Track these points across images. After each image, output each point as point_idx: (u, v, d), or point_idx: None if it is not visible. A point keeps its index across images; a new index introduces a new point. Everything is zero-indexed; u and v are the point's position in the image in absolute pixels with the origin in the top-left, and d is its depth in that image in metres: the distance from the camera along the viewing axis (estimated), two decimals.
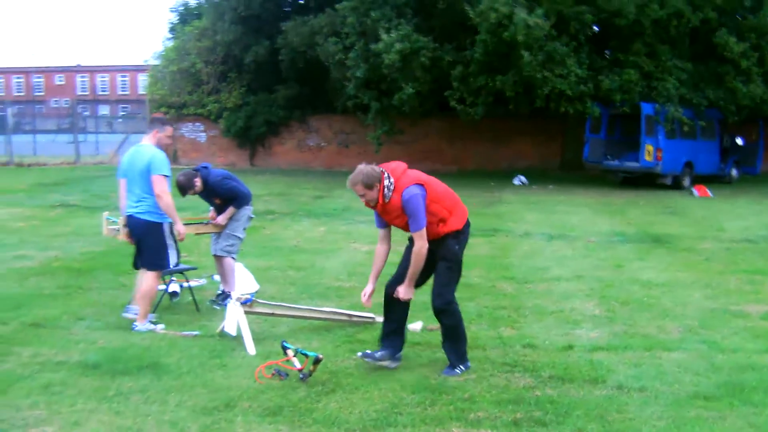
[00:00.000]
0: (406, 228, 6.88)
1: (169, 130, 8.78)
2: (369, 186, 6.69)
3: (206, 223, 9.82)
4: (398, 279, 7.04)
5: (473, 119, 27.05)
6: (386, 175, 6.75)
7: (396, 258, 7.15)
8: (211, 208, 9.90)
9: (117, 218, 9.37)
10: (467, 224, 7.14)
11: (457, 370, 6.91)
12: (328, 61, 29.45)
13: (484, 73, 25.48)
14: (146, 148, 8.66)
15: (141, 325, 8.35)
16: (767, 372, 6.95)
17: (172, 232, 8.67)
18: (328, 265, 11.87)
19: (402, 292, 6.91)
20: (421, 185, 6.78)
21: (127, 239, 8.73)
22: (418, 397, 6.28)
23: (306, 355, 6.65)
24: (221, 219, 9.59)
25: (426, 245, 6.75)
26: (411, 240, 6.91)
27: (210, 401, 6.20)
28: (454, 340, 7.02)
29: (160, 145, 8.70)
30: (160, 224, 8.56)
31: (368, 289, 7.06)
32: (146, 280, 8.58)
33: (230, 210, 9.57)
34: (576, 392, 6.45)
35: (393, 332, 7.14)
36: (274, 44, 32.32)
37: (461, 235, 7.04)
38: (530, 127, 32.93)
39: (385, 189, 6.71)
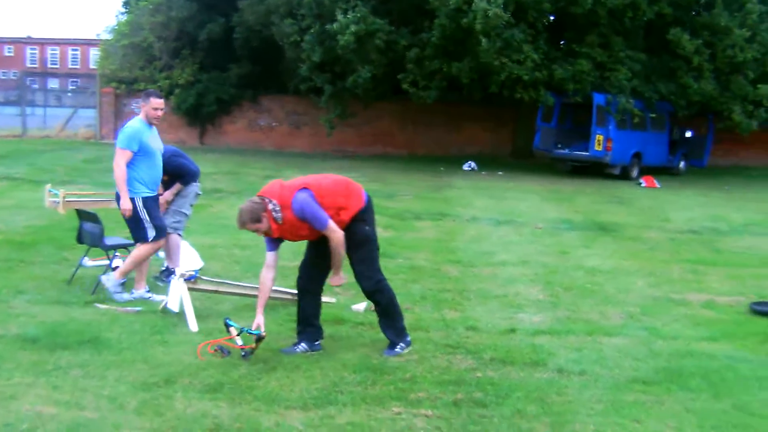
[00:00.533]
0: (311, 235, 6.78)
1: (153, 101, 8.68)
2: (257, 220, 6.56)
3: None
4: (309, 273, 7.01)
5: (425, 103, 27.11)
6: (267, 200, 6.60)
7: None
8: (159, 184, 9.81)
9: (58, 191, 9.28)
10: (368, 200, 7.00)
11: (398, 349, 6.91)
12: (282, 42, 29.31)
13: (440, 57, 25.57)
14: (130, 121, 8.65)
15: (109, 281, 8.46)
16: (705, 359, 7.05)
17: (145, 206, 8.56)
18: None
19: (335, 281, 6.91)
20: (304, 188, 6.65)
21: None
22: (359, 377, 6.28)
23: (251, 334, 6.62)
24: (167, 195, 9.49)
25: (340, 233, 6.64)
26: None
27: (150, 377, 6.14)
28: (391, 317, 7.01)
29: (149, 118, 8.65)
30: (132, 199, 8.47)
31: (259, 320, 6.81)
32: (138, 248, 8.64)
33: (176, 186, 9.48)
34: (517, 374, 6.49)
35: (307, 326, 7.06)
36: (230, 22, 32.11)
37: (365, 214, 6.92)
38: (482, 114, 33.04)
39: (273, 213, 6.57)
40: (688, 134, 28.67)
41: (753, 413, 5.86)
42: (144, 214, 8.53)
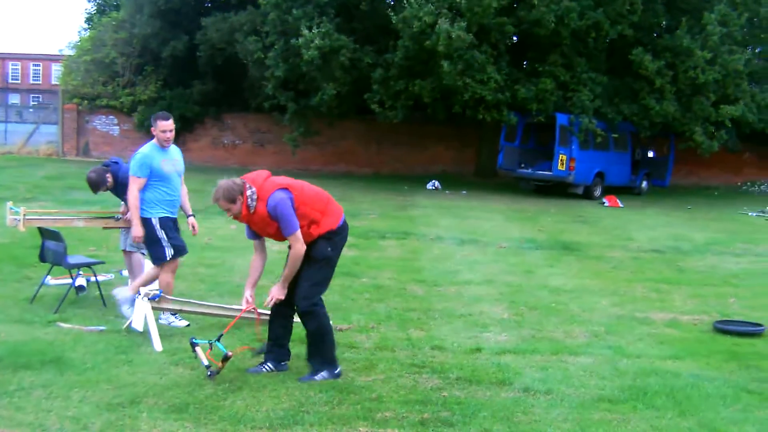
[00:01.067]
0: (277, 236, 6.74)
1: (160, 124, 8.56)
2: (231, 200, 6.54)
3: (117, 218, 9.64)
4: (305, 288, 6.86)
5: (391, 122, 27.19)
6: (248, 186, 6.60)
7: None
8: (123, 203, 9.74)
9: (19, 208, 9.20)
10: (343, 224, 6.98)
11: (317, 377, 6.72)
12: (246, 59, 29.31)
13: (404, 77, 25.70)
14: (143, 147, 8.66)
15: (120, 293, 8.52)
16: (670, 377, 7.10)
17: (162, 226, 8.50)
18: (238, 263, 11.75)
19: (274, 290, 6.78)
20: (286, 189, 6.65)
21: None
22: (325, 396, 6.26)
23: (219, 349, 6.57)
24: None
25: (303, 247, 6.63)
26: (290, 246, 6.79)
27: (114, 397, 6.09)
28: (317, 344, 6.85)
29: (159, 141, 8.58)
30: (148, 219, 8.43)
31: (247, 293, 6.88)
32: (155, 267, 8.64)
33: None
34: (483, 394, 6.50)
35: (274, 346, 7.01)
36: (193, 39, 32.04)
37: (335, 236, 6.88)
38: (446, 133, 33.14)
39: (249, 199, 6.57)
40: (651, 154, 28.95)
41: (718, 431, 5.90)
42: (162, 234, 8.48)
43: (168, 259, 8.52)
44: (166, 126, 8.58)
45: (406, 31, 24.22)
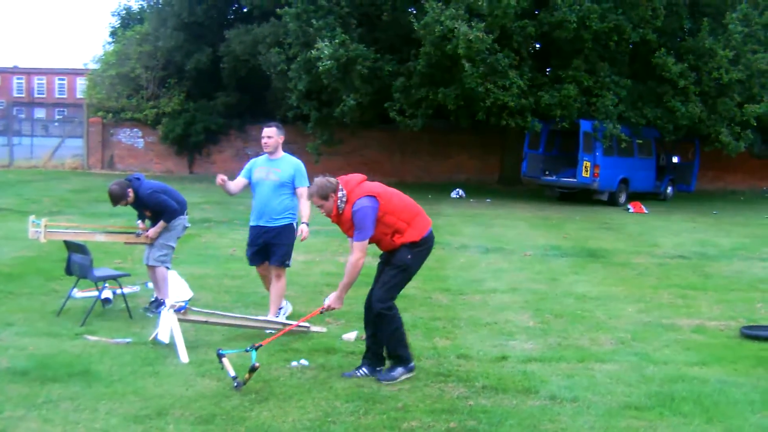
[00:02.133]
0: None
1: (263, 131, 9.20)
2: (323, 197, 6.84)
3: (138, 235, 9.69)
4: (381, 291, 7.05)
5: (412, 131, 27.20)
6: (340, 187, 6.85)
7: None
8: (139, 221, 9.78)
9: (40, 221, 9.29)
10: (428, 236, 7.15)
11: (395, 373, 6.96)
12: (270, 71, 29.41)
13: (426, 85, 25.67)
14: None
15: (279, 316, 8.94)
16: (697, 383, 7.06)
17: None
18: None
19: (331, 299, 6.98)
20: (374, 197, 6.85)
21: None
22: (351, 406, 6.27)
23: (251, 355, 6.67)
24: (152, 233, 9.46)
25: (363, 258, 6.83)
26: (382, 256, 7.14)
27: (141, 409, 6.12)
28: (394, 344, 7.05)
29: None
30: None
31: (332, 295, 7.16)
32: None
33: (160, 224, 9.43)
34: (509, 402, 6.49)
35: (369, 352, 7.25)
36: (217, 52, 32.19)
37: (417, 247, 7.03)
38: (470, 141, 33.11)
39: (339, 201, 6.82)
40: (675, 160, 28.79)
41: None
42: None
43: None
44: (264, 132, 9.13)
45: (427, 38, 24.22)
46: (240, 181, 9.20)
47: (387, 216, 6.87)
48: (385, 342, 7.09)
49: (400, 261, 6.99)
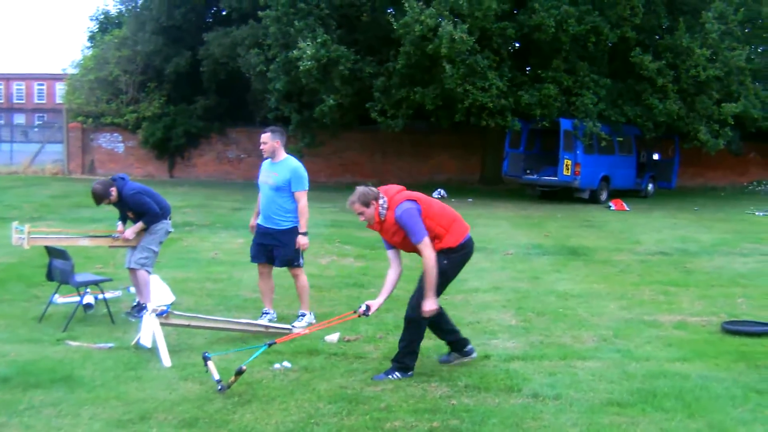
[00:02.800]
0: (404, 245, 7.12)
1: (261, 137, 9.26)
2: (365, 204, 7.05)
3: (115, 237, 9.66)
4: (418, 298, 7.12)
5: (393, 131, 27.23)
6: (380, 194, 7.05)
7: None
8: (119, 222, 9.76)
9: (24, 227, 9.26)
10: (465, 242, 7.28)
11: (392, 376, 7.05)
12: (249, 73, 29.42)
13: (406, 85, 25.72)
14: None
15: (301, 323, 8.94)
16: (678, 379, 7.10)
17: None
18: (245, 277, 11.77)
19: (426, 306, 7.02)
20: (414, 200, 7.04)
21: None
22: (334, 407, 6.27)
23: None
24: (128, 233, 9.45)
25: (434, 254, 6.94)
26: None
27: (124, 414, 6.11)
28: (406, 351, 7.16)
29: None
30: None
31: (374, 302, 7.28)
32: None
33: (138, 225, 9.43)
34: (492, 401, 6.50)
35: (452, 342, 7.46)
36: (196, 55, 32.14)
37: (453, 253, 7.15)
38: (451, 141, 33.16)
39: (380, 208, 7.04)
40: (656, 157, 28.94)
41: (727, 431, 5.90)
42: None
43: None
44: (260, 138, 9.20)
45: (407, 37, 24.24)
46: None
47: (427, 220, 7.01)
48: (400, 347, 7.20)
49: (437, 267, 7.04)
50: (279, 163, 9.11)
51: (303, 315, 9.14)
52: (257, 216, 9.40)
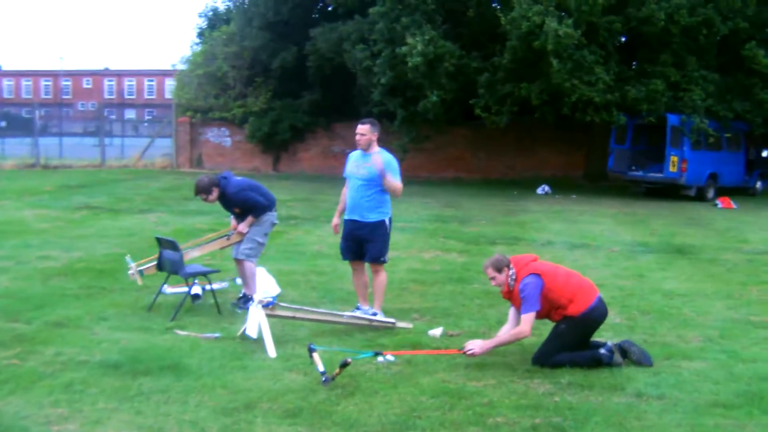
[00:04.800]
0: None
1: (357, 128, 9.24)
2: (498, 269, 7.51)
3: (229, 237, 9.88)
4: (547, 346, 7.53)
5: (498, 127, 27.08)
6: (511, 266, 7.51)
7: None
8: (231, 216, 9.97)
9: (132, 262, 9.55)
10: (588, 312, 7.43)
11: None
12: (355, 68, 29.51)
13: (511, 80, 25.52)
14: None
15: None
16: None
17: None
18: (349, 270, 11.83)
19: (477, 345, 7.30)
20: (538, 275, 7.30)
21: None
22: (437, 402, 6.31)
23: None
24: (242, 227, 9.65)
25: (528, 333, 7.35)
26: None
27: (230, 402, 6.25)
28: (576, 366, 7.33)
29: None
30: None
31: (485, 345, 7.41)
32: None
33: (249, 219, 9.62)
34: (595, 399, 6.47)
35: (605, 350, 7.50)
36: (302, 50, 32.37)
37: (573, 320, 7.36)
38: (555, 137, 32.76)
39: (509, 278, 7.47)
40: (765, 153, 28.19)
41: None
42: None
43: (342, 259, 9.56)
44: (357, 129, 9.19)
45: (514, 33, 24.10)
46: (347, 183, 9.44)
47: (549, 294, 7.32)
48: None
49: (561, 328, 7.41)
50: (372, 155, 9.10)
51: (375, 314, 9.03)
52: (340, 214, 9.43)
